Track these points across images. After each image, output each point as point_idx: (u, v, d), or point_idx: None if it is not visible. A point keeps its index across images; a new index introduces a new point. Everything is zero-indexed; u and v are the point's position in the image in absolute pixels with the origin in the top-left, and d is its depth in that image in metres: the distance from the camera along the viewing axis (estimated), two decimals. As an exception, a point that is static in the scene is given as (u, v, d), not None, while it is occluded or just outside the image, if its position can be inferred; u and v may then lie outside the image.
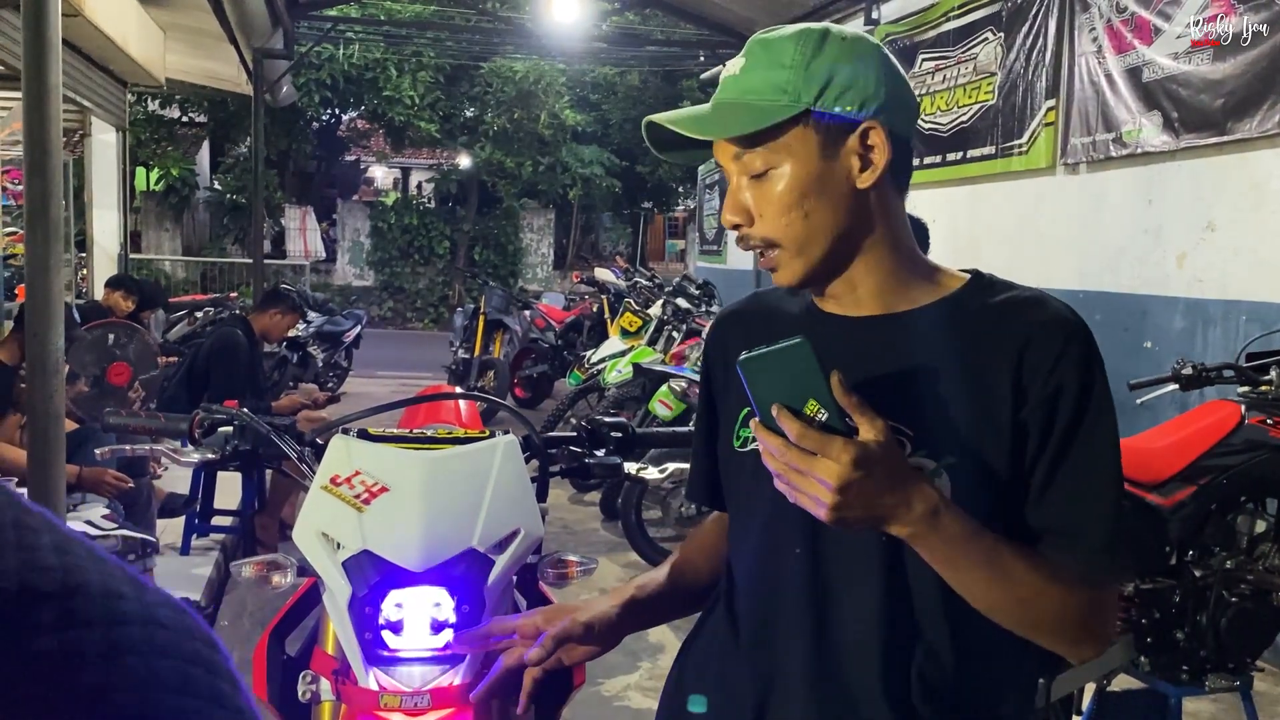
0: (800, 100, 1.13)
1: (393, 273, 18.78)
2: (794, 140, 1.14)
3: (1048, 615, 1.11)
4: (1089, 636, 1.13)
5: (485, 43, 16.75)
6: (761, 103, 1.14)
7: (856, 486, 1.00)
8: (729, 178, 1.20)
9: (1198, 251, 4.96)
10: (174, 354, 6.49)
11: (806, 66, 1.13)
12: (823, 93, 1.13)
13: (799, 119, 1.13)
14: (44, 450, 2.46)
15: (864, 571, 1.16)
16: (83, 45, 6.98)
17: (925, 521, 1.04)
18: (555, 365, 9.77)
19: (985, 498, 1.11)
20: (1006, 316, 1.15)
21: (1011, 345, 1.13)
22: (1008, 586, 1.09)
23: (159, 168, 17.73)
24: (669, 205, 25.14)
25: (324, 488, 1.67)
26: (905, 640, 1.16)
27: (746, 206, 1.18)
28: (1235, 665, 3.02)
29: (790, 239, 1.16)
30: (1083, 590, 1.11)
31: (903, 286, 1.20)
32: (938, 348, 1.16)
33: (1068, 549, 1.12)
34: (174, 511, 4.98)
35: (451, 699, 1.58)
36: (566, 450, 1.92)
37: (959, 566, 1.08)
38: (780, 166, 1.14)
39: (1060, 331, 1.13)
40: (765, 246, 1.18)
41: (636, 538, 5.36)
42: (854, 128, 1.14)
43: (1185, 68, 4.98)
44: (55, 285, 2.47)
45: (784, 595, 1.22)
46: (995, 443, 1.12)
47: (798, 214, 1.15)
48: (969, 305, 1.18)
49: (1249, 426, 3.04)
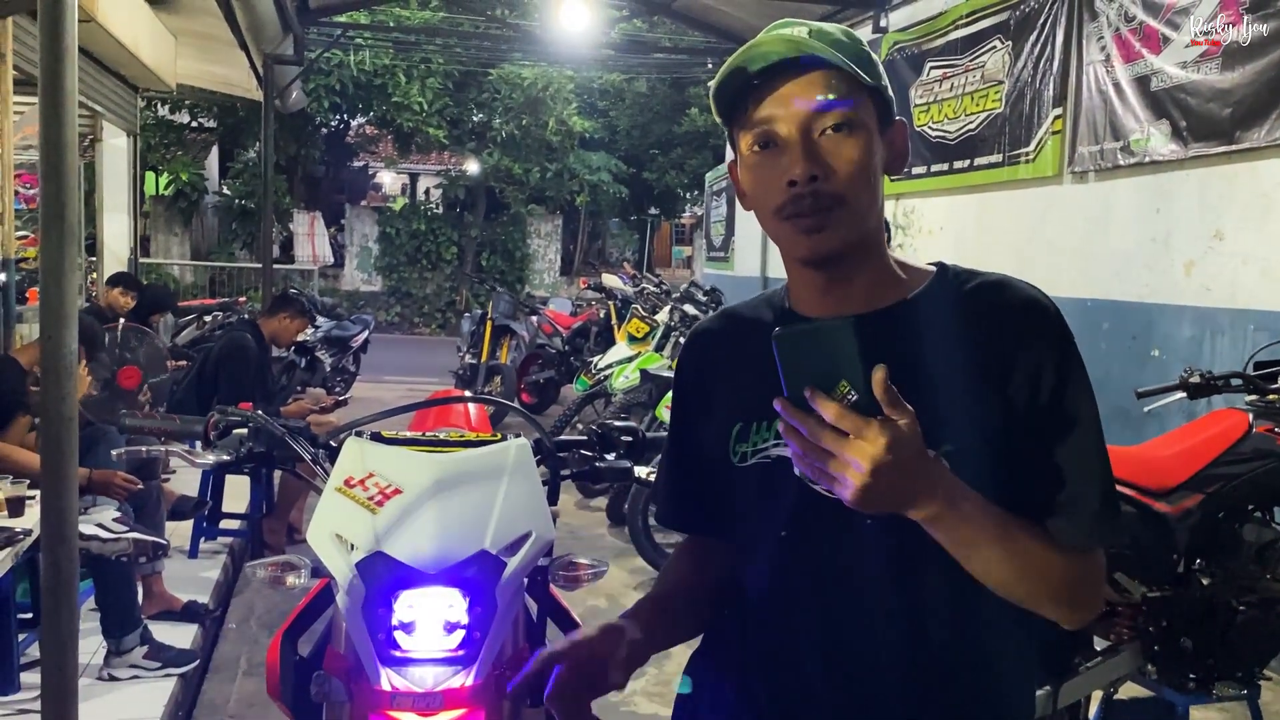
0: (872, 78, 1.18)
1: (400, 278, 18.82)
2: (865, 110, 1.18)
3: (1055, 582, 1.14)
4: (1086, 600, 1.18)
5: (494, 49, 16.78)
6: (847, 68, 1.16)
7: (887, 469, 1.00)
8: (791, 133, 1.17)
9: (1206, 260, 4.96)
10: (183, 358, 6.51)
11: (869, 53, 1.20)
12: (881, 80, 1.20)
13: (871, 93, 1.18)
14: (56, 453, 2.47)
15: (881, 579, 1.18)
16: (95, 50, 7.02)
17: (947, 504, 1.07)
18: (562, 371, 9.79)
19: (984, 479, 1.14)
20: (979, 303, 1.20)
21: (988, 329, 1.17)
22: (1020, 560, 1.12)
23: (168, 172, 17.78)
24: (676, 212, 25.17)
25: (338, 489, 1.68)
26: (920, 647, 1.18)
27: (824, 159, 1.17)
28: (1243, 674, 3.01)
29: (858, 203, 1.18)
30: (1078, 555, 1.15)
31: (883, 282, 1.24)
32: (921, 341, 1.19)
33: (1064, 515, 1.15)
34: (183, 514, 5.00)
35: (463, 699, 1.59)
36: (577, 454, 1.93)
37: (977, 545, 1.10)
38: (857, 129, 1.17)
39: (1031, 310, 1.19)
40: (833, 204, 1.17)
41: (643, 543, 5.36)
42: (891, 121, 1.22)
43: (1193, 77, 4.99)
44: (69, 289, 2.49)
45: (802, 607, 1.23)
46: (986, 425, 1.16)
47: (868, 178, 1.18)
48: (942, 296, 1.22)
49: (1257, 435, 3.04)
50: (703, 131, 19.78)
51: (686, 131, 20.17)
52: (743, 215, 11.26)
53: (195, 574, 4.83)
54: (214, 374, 5.41)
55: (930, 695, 1.18)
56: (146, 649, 3.64)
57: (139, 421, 1.93)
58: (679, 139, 20.57)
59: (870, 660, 1.19)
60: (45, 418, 2.49)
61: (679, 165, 20.78)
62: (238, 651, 4.25)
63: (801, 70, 1.17)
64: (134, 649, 3.62)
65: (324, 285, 17.82)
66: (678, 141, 20.67)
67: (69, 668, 2.52)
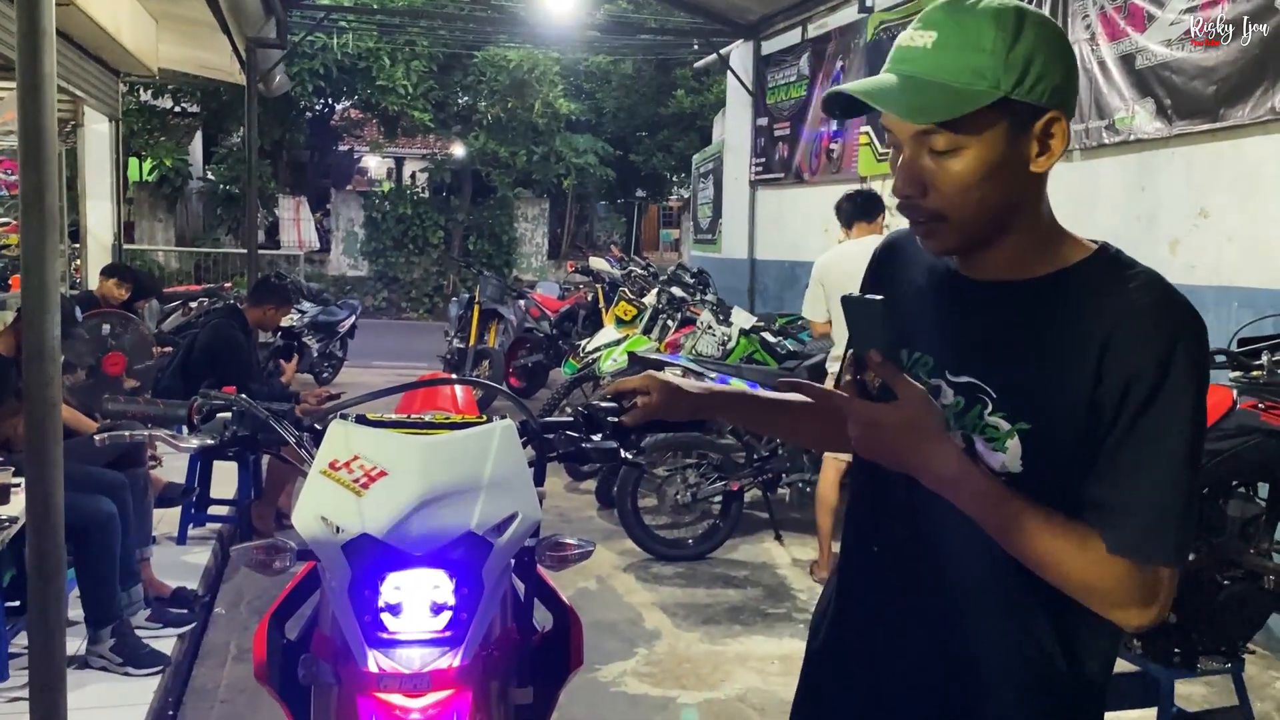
0: (999, 88, 1.14)
1: (387, 263, 18.73)
2: (985, 124, 1.15)
3: (1071, 576, 1.17)
4: (1127, 605, 1.19)
5: (479, 31, 16.67)
6: (960, 86, 1.14)
7: (868, 437, 1.19)
8: (900, 144, 1.20)
9: (1190, 238, 4.98)
10: (168, 344, 6.49)
11: (1007, 53, 1.14)
12: (1020, 81, 1.15)
13: (994, 105, 1.15)
14: (40, 438, 2.46)
15: (956, 530, 1.22)
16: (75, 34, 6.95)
17: (939, 484, 1.18)
18: (550, 355, 9.77)
19: (1052, 465, 1.17)
20: (1112, 295, 1.18)
21: (1105, 324, 1.16)
22: (1026, 547, 1.17)
23: (152, 158, 17.63)
24: (663, 194, 25.11)
25: (323, 472, 1.68)
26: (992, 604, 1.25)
27: (922, 179, 1.19)
28: (1227, 648, 3.04)
29: (961, 217, 1.19)
30: (1117, 561, 1.15)
31: (1031, 255, 1.24)
32: (1039, 318, 1.20)
33: (1107, 523, 1.16)
34: (172, 501, 4.99)
35: (451, 680, 1.59)
36: (563, 435, 1.93)
37: (980, 524, 1.18)
38: (967, 148, 1.16)
39: (1156, 318, 1.16)
40: (934, 219, 1.20)
41: (632, 525, 5.37)
42: (1040, 114, 1.17)
43: (1178, 55, 4.99)
44: (51, 275, 2.47)
45: (891, 543, 1.33)
46: (1069, 415, 1.16)
47: (975, 195, 1.18)
48: (1082, 280, 1.21)
49: (1241, 411, 3.06)
50: (689, 113, 19.71)
51: (673, 113, 20.09)
52: (730, 197, 11.24)
53: (184, 560, 4.83)
54: (200, 360, 5.40)
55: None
56: (114, 642, 3.62)
57: (121, 406, 1.92)
58: (666, 121, 20.49)
59: (948, 607, 1.26)
60: (29, 403, 2.47)
61: (666, 147, 20.70)
62: (227, 637, 4.25)
63: (910, 81, 1.17)
64: (105, 642, 3.61)
65: (310, 271, 17.74)
66: (664, 124, 20.59)
67: (57, 656, 2.52)
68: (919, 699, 1.29)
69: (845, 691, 1.37)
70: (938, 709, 1.28)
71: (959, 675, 1.26)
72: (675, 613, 4.71)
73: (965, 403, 1.22)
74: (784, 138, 9.70)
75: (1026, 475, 1.18)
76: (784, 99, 9.70)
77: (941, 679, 1.27)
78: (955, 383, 1.24)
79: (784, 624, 4.62)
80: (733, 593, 5.01)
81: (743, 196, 10.69)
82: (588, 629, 2.00)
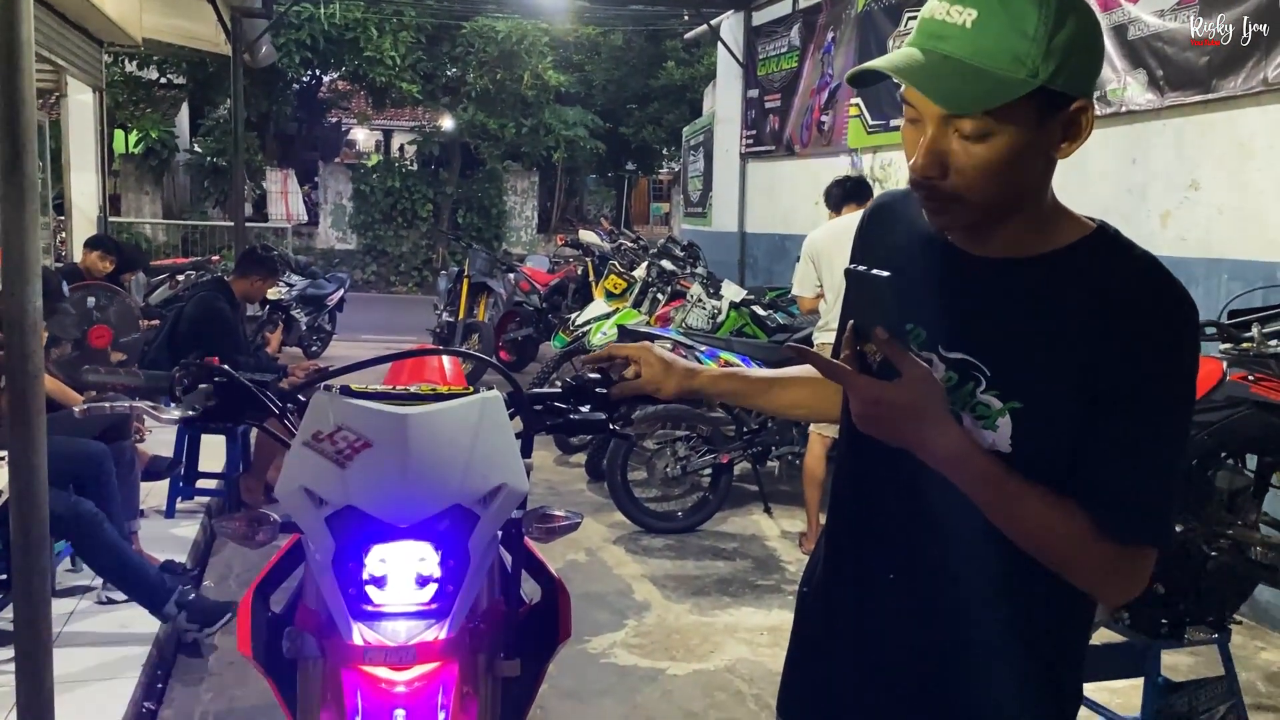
0: (1038, 76, 1.11)
1: (375, 236, 18.62)
2: (1017, 111, 1.12)
3: (1057, 553, 1.18)
4: (1110, 583, 1.20)
5: (467, 2, 16.51)
6: (999, 72, 1.10)
7: (872, 415, 1.18)
8: (923, 122, 1.16)
9: (1181, 210, 4.97)
10: (155, 317, 6.44)
11: (1049, 40, 1.10)
12: (1059, 71, 1.11)
13: (1031, 89, 1.11)
14: (23, 411, 2.43)
15: (945, 501, 1.21)
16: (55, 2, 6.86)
17: (940, 462, 1.17)
18: (540, 328, 9.74)
19: (1041, 445, 1.17)
20: (1107, 277, 1.17)
21: (1101, 306, 1.15)
22: (1017, 525, 1.18)
23: (138, 130, 17.47)
24: (653, 167, 24.98)
25: (306, 444, 1.66)
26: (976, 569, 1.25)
27: (945, 162, 1.16)
28: (1214, 618, 3.05)
29: (979, 199, 1.17)
30: (1103, 542, 1.16)
31: (1033, 234, 1.22)
32: (1035, 297, 1.19)
33: (1096, 505, 1.16)
34: (158, 474, 4.96)
35: (436, 653, 1.58)
36: (551, 406, 1.91)
37: (974, 500, 1.18)
38: (996, 134, 1.13)
39: (1159, 303, 1.15)
40: (950, 200, 1.18)
41: (622, 498, 5.37)
42: (1069, 102, 1.15)
43: (1170, 25, 4.96)
44: (31, 244, 2.43)
45: (880, 509, 1.33)
46: (1062, 396, 1.16)
47: (997, 180, 1.15)
48: (1080, 261, 1.20)
49: (1230, 383, 3.05)
50: (680, 85, 19.59)
51: (663, 85, 19.97)
52: (720, 170, 11.18)
53: (172, 534, 4.81)
54: (186, 333, 5.35)
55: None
56: (183, 614, 3.62)
57: (103, 377, 1.89)
58: (656, 93, 20.37)
59: (932, 570, 1.26)
60: (10, 375, 2.44)
61: (656, 120, 20.58)
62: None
63: (946, 62, 1.12)
64: (177, 618, 3.62)
65: (298, 244, 17.64)
66: (655, 96, 20.46)
67: (42, 629, 2.50)
68: (906, 667, 1.29)
69: (833, 661, 1.37)
70: (925, 677, 1.28)
71: (945, 643, 1.27)
72: (664, 585, 4.72)
73: (958, 379, 1.21)
74: (775, 109, 9.65)
75: (1015, 454, 1.18)
76: (775, 70, 9.64)
77: (928, 646, 1.28)
78: (948, 358, 1.22)
79: (773, 595, 4.63)
80: (722, 565, 5.02)
81: (733, 169, 10.64)
82: (577, 601, 2.00)
